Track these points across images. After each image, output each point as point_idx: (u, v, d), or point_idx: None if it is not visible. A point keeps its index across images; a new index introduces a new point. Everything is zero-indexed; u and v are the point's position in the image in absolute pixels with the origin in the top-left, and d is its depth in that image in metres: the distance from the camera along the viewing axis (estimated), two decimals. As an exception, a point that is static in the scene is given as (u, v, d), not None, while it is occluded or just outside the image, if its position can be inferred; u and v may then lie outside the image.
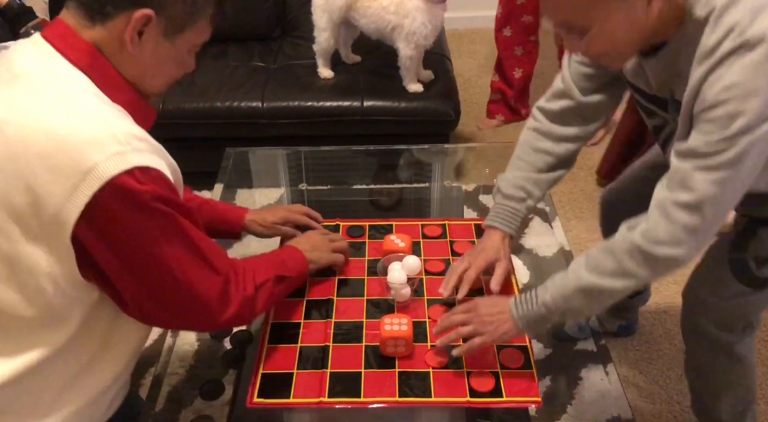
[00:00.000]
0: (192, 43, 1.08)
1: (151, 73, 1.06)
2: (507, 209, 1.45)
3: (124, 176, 0.93)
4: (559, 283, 1.21)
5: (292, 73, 2.78)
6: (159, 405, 1.25)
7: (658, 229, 1.10)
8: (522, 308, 1.24)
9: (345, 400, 1.23)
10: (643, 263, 1.13)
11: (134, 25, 0.98)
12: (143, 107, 1.08)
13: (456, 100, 2.69)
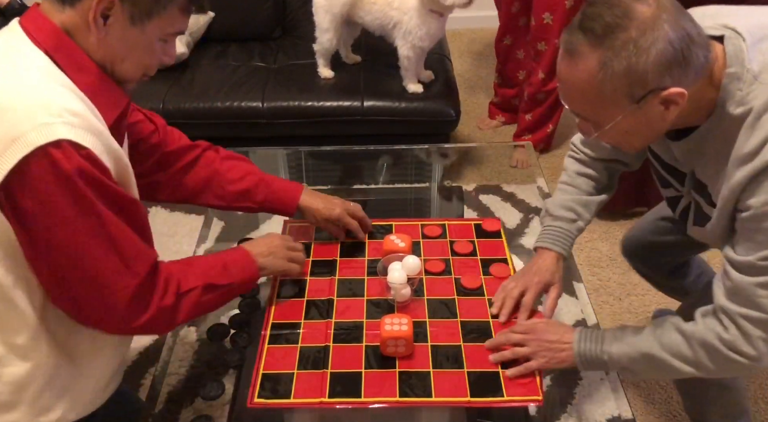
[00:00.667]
0: (164, 31, 1.07)
1: (120, 57, 1.06)
2: (558, 230, 1.42)
3: (49, 146, 0.92)
4: (629, 341, 1.19)
5: (292, 73, 2.78)
6: (159, 405, 1.26)
7: (736, 341, 1.09)
8: (585, 345, 1.22)
9: (345, 400, 1.23)
10: (719, 363, 1.13)
11: (96, 8, 0.99)
12: (111, 89, 1.07)
13: (456, 100, 2.69)
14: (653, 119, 1.04)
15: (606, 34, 0.98)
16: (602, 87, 1.01)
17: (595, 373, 1.31)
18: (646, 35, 0.96)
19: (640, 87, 1.00)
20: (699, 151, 1.13)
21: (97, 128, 0.99)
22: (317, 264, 1.53)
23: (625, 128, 1.06)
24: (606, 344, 1.21)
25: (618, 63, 0.98)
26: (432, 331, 1.36)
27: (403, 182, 2.05)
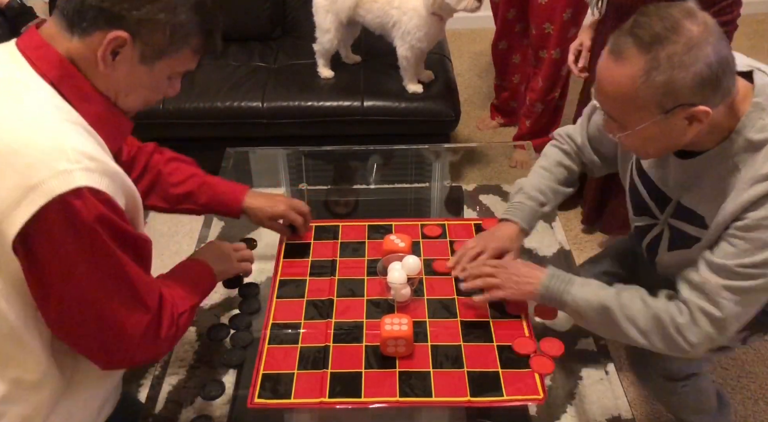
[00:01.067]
0: (173, 70, 1.06)
1: (124, 92, 1.04)
2: (527, 207, 1.49)
3: (69, 195, 0.90)
4: (594, 290, 1.27)
5: (292, 73, 2.78)
6: (159, 405, 1.25)
7: (685, 327, 1.18)
8: (553, 282, 1.30)
9: (345, 400, 1.23)
10: (663, 339, 1.21)
11: (107, 46, 0.97)
12: (117, 118, 1.06)
13: (456, 100, 2.69)
14: (675, 131, 1.10)
15: (654, 44, 1.04)
16: (639, 93, 1.06)
17: (594, 373, 1.31)
18: (690, 52, 1.02)
19: (672, 100, 1.06)
20: (698, 174, 1.19)
21: (111, 169, 0.97)
22: (317, 264, 1.53)
23: (647, 135, 1.12)
24: (573, 286, 1.28)
25: (660, 73, 1.04)
26: (432, 331, 1.36)
27: (403, 182, 2.05)
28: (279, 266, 1.53)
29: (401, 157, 2.12)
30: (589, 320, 1.27)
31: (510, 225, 1.48)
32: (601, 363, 1.33)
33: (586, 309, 1.26)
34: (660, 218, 1.31)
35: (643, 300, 1.23)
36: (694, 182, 1.21)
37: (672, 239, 1.30)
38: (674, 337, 1.19)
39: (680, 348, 1.20)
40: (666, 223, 1.29)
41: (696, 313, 1.17)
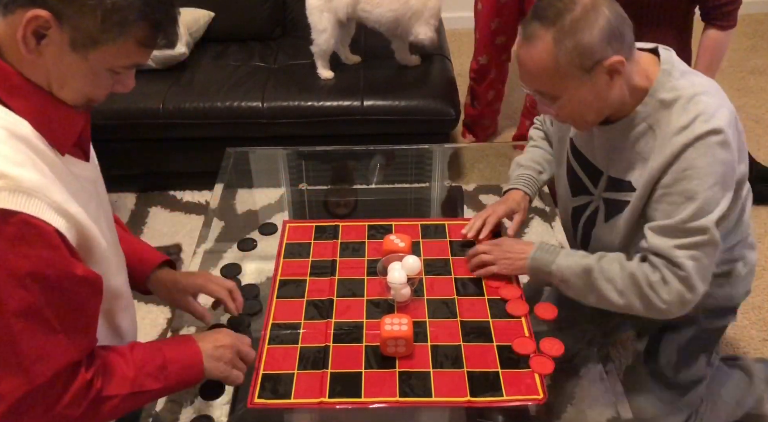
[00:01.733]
0: (113, 62, 0.94)
1: (57, 83, 0.93)
2: (526, 175, 1.62)
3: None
4: (576, 258, 1.35)
5: (292, 73, 2.78)
6: (159, 405, 1.25)
7: (660, 286, 1.25)
8: (539, 254, 1.39)
9: (345, 400, 1.23)
10: (639, 298, 1.28)
11: (26, 26, 0.86)
12: (61, 112, 0.95)
13: (456, 99, 2.69)
14: (601, 88, 1.21)
15: (557, 17, 1.16)
16: (557, 62, 1.18)
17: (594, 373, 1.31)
18: (589, 14, 1.16)
19: (589, 58, 1.17)
20: (620, 140, 1.30)
21: (28, 185, 0.86)
22: (317, 264, 1.53)
23: (578, 99, 1.22)
24: (558, 257, 1.37)
25: (569, 39, 1.16)
26: (432, 331, 1.36)
27: (403, 182, 2.05)
28: (279, 266, 1.53)
29: (401, 157, 2.12)
30: (573, 286, 1.34)
31: (514, 191, 1.61)
32: (601, 363, 1.33)
33: (570, 275, 1.33)
34: (595, 194, 1.39)
35: (620, 262, 1.30)
36: (616, 149, 1.31)
37: (607, 211, 1.38)
38: (649, 295, 1.25)
39: (656, 306, 1.26)
40: (600, 198, 1.38)
41: (664, 271, 1.24)
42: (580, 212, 1.46)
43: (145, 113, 2.58)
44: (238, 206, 1.85)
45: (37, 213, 0.86)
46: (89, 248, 0.99)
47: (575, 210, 1.47)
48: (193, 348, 1.14)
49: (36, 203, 0.86)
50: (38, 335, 0.90)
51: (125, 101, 2.49)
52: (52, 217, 0.88)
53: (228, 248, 1.63)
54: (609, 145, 1.33)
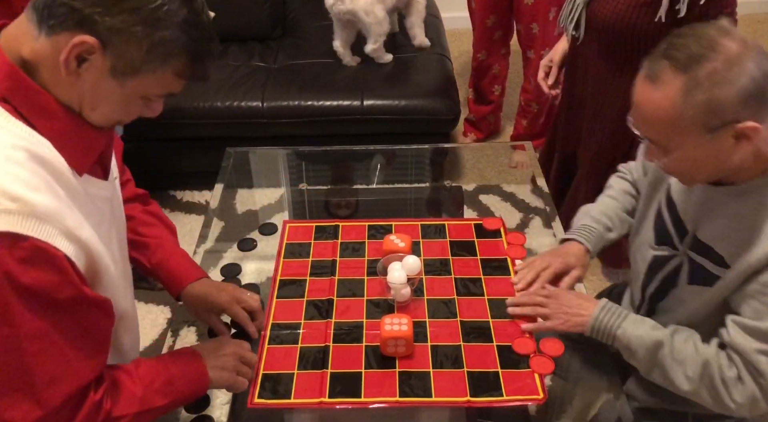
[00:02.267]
0: (148, 91, 0.95)
1: (90, 105, 0.93)
2: (593, 229, 1.45)
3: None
4: (646, 328, 1.22)
5: (292, 73, 2.78)
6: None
7: (734, 384, 1.13)
8: (604, 316, 1.25)
9: (345, 400, 1.23)
10: (709, 390, 1.16)
11: (71, 50, 0.86)
12: (84, 133, 0.95)
13: (455, 99, 2.69)
14: (722, 151, 1.06)
15: (691, 64, 1.01)
16: (681, 114, 1.03)
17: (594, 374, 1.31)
18: (732, 69, 0.99)
19: (717, 118, 1.02)
20: (719, 205, 1.16)
21: (42, 210, 0.86)
22: (317, 264, 1.53)
23: (693, 157, 1.08)
24: (625, 321, 1.23)
25: (700, 92, 1.00)
26: (432, 331, 1.36)
27: (403, 182, 2.05)
28: (279, 266, 1.53)
29: (401, 157, 2.12)
30: (638, 358, 1.22)
31: (575, 244, 1.44)
32: (601, 363, 1.32)
33: (638, 347, 1.21)
34: (680, 250, 1.26)
35: (695, 344, 1.18)
36: (712, 212, 1.18)
37: (691, 272, 1.24)
38: (720, 390, 1.14)
39: (725, 404, 1.15)
40: (685, 255, 1.24)
41: (742, 371, 1.13)
42: (661, 264, 1.30)
43: (145, 113, 2.57)
44: (238, 206, 1.85)
45: (47, 239, 0.86)
46: (97, 272, 0.98)
47: (656, 260, 1.31)
48: (198, 361, 1.15)
49: (47, 228, 0.86)
50: (50, 359, 0.90)
51: (125, 101, 2.49)
52: (63, 243, 0.88)
53: (228, 248, 1.63)
54: (707, 206, 1.19)
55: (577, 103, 2.02)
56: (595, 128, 1.98)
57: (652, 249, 1.32)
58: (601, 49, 1.84)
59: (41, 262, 0.86)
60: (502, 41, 2.87)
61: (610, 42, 1.80)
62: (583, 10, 1.81)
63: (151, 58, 0.90)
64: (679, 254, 1.26)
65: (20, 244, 0.84)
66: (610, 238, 1.46)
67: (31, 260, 0.85)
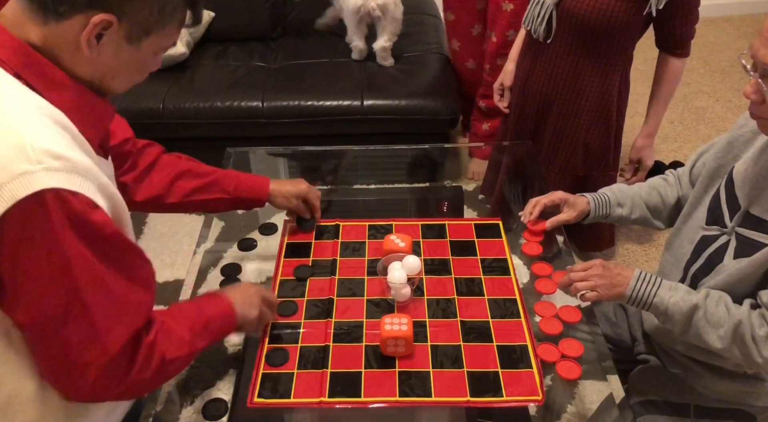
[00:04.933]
0: (158, 46, 1.00)
1: (110, 75, 0.98)
2: (604, 195, 1.55)
3: (29, 199, 0.83)
4: (680, 296, 1.27)
5: (292, 73, 2.78)
6: (159, 405, 1.26)
7: (764, 341, 1.20)
8: (639, 286, 1.31)
9: (345, 400, 1.23)
10: (739, 347, 1.22)
11: (92, 29, 0.90)
12: (94, 104, 0.99)
13: (455, 99, 2.69)
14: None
15: None
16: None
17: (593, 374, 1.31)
18: None
19: None
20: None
21: (83, 166, 0.90)
22: (317, 264, 1.53)
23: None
24: (660, 289, 1.29)
25: None
26: (432, 331, 1.36)
27: (403, 182, 2.05)
28: (279, 266, 1.53)
29: (401, 157, 2.12)
30: (675, 322, 1.28)
31: (581, 196, 1.55)
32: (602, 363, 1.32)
33: (674, 313, 1.27)
34: (728, 228, 1.30)
35: (726, 306, 1.24)
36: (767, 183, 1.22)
37: (738, 248, 1.28)
38: (750, 347, 1.20)
39: (753, 359, 1.21)
40: (733, 232, 1.28)
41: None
42: (709, 242, 1.35)
43: (145, 113, 2.58)
44: (238, 206, 1.85)
45: (90, 195, 0.90)
46: (122, 227, 1.02)
47: (703, 239, 1.36)
48: (226, 301, 1.21)
49: (88, 184, 0.90)
50: (107, 305, 0.94)
51: (125, 101, 2.49)
52: (100, 199, 0.92)
53: (228, 248, 1.63)
54: (765, 175, 1.24)
55: (538, 102, 2.03)
56: (567, 123, 2.01)
57: (702, 230, 1.36)
58: (575, 45, 1.86)
59: (88, 211, 0.89)
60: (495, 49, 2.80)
61: (586, 37, 1.82)
62: (553, 10, 1.83)
63: (162, 17, 0.96)
64: (727, 232, 1.30)
65: (68, 199, 0.87)
66: (618, 213, 1.55)
67: (78, 214, 0.88)
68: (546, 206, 1.55)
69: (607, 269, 1.34)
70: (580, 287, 1.33)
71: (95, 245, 0.91)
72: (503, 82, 2.16)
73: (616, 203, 1.54)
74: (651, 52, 1.92)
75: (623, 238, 2.64)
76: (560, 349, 1.30)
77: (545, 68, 1.95)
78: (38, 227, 0.85)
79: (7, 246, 0.86)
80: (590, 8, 1.77)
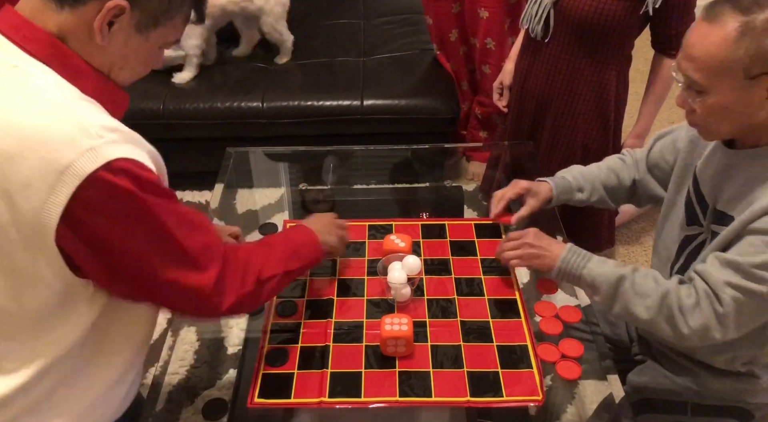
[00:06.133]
0: (165, 39, 1.04)
1: (119, 65, 1.02)
2: (565, 179, 1.56)
3: (101, 171, 0.90)
4: (608, 267, 1.30)
5: (292, 73, 2.78)
6: (159, 405, 1.26)
7: (690, 311, 1.20)
8: (570, 257, 1.33)
9: (345, 400, 1.23)
10: (666, 318, 1.22)
11: (105, 14, 0.94)
12: (113, 91, 1.04)
13: (455, 98, 2.69)
14: (752, 102, 1.11)
15: (752, 7, 1.07)
16: (730, 55, 1.08)
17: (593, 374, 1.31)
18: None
19: (760, 66, 1.07)
20: (735, 168, 1.21)
21: (132, 136, 0.98)
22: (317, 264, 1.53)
23: (724, 104, 1.13)
24: (590, 262, 1.31)
25: (753, 37, 1.06)
26: (432, 331, 1.36)
27: (403, 182, 2.05)
28: (279, 266, 1.53)
29: (401, 157, 2.12)
30: (602, 293, 1.29)
31: (543, 181, 1.56)
32: (601, 363, 1.32)
33: (601, 283, 1.28)
34: (704, 225, 1.30)
35: (655, 279, 1.25)
36: (730, 178, 1.22)
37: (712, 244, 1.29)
38: (676, 317, 1.21)
39: (679, 331, 1.21)
40: (708, 230, 1.28)
41: (702, 299, 1.18)
42: (689, 242, 1.35)
43: (145, 113, 2.58)
44: (238, 206, 1.85)
45: (144, 160, 0.96)
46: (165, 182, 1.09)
47: (686, 239, 1.36)
48: (310, 232, 1.33)
49: (141, 151, 0.97)
50: (194, 234, 1.04)
51: (125, 101, 2.49)
52: (149, 162, 0.98)
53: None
54: (725, 173, 1.24)
55: (536, 101, 2.03)
56: (565, 123, 2.01)
57: (683, 230, 1.36)
58: (573, 44, 1.86)
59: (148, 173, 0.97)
60: (467, 56, 2.76)
61: (584, 36, 1.83)
62: (551, 9, 1.83)
63: (171, 7, 1.00)
64: (704, 231, 1.30)
65: (131, 166, 0.93)
66: (578, 197, 1.56)
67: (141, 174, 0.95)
68: (511, 199, 1.56)
69: (539, 239, 1.38)
70: (508, 256, 1.38)
71: (164, 196, 0.99)
72: (502, 82, 2.16)
73: (577, 188, 1.56)
74: (651, 52, 1.92)
75: (623, 238, 2.64)
76: (560, 349, 1.30)
77: (543, 67, 1.95)
78: (117, 194, 0.92)
79: (91, 219, 0.92)
80: (587, 7, 1.77)
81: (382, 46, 2.86)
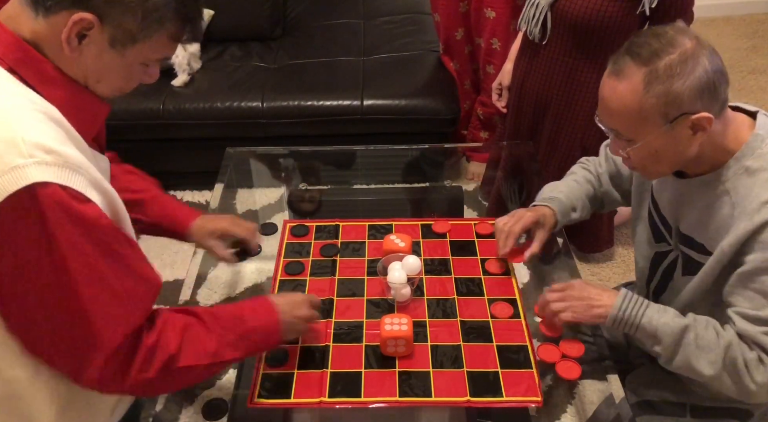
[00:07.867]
0: (146, 57, 0.99)
1: (94, 78, 0.98)
2: (562, 202, 1.49)
3: (21, 193, 0.84)
4: (669, 316, 1.21)
5: (292, 73, 2.78)
6: (159, 405, 1.26)
7: (755, 365, 1.15)
8: (626, 305, 1.23)
9: (345, 400, 1.23)
10: (731, 374, 1.17)
11: (71, 27, 0.91)
12: (88, 102, 0.99)
13: (456, 99, 2.69)
14: (681, 141, 1.13)
15: (651, 58, 1.09)
16: (642, 104, 1.10)
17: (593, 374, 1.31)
18: (687, 62, 1.08)
19: (675, 108, 1.09)
20: (690, 197, 1.23)
21: (74, 161, 0.89)
22: (317, 264, 1.53)
23: (654, 147, 1.14)
24: (649, 309, 1.22)
25: (660, 83, 1.08)
26: (432, 331, 1.36)
27: (403, 182, 2.05)
28: (279, 266, 1.53)
29: (401, 157, 2.12)
30: (664, 345, 1.20)
31: (544, 207, 1.48)
32: (601, 363, 1.32)
33: (663, 334, 1.19)
34: (672, 244, 1.30)
35: (715, 329, 1.19)
36: (686, 204, 1.24)
37: (684, 264, 1.29)
38: (742, 373, 1.15)
39: (746, 386, 1.16)
40: (679, 249, 1.29)
41: (760, 353, 1.15)
42: (661, 259, 1.35)
43: (145, 114, 2.58)
44: (238, 206, 1.85)
45: (81, 189, 0.89)
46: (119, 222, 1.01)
47: (657, 255, 1.36)
48: (273, 312, 1.17)
49: (80, 179, 0.89)
50: (104, 300, 0.93)
51: (125, 102, 2.49)
52: (93, 194, 0.92)
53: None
54: (681, 200, 1.25)
55: (535, 102, 2.03)
56: (564, 124, 2.01)
57: (652, 247, 1.36)
58: (570, 46, 1.86)
59: (81, 209, 0.89)
60: (472, 56, 2.76)
61: (582, 38, 1.83)
62: (548, 11, 1.83)
63: (147, 25, 0.94)
64: (674, 249, 1.30)
65: (60, 193, 0.86)
66: (573, 217, 1.51)
67: (72, 209, 0.88)
68: (519, 235, 1.46)
69: (586, 290, 1.27)
70: (555, 309, 1.27)
71: (89, 237, 0.90)
72: (501, 82, 2.17)
73: (571, 208, 1.50)
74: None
75: (623, 238, 2.64)
76: (561, 349, 1.30)
77: (541, 69, 1.96)
78: (31, 221, 0.85)
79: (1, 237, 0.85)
80: (584, 9, 1.77)
81: (382, 46, 2.86)
